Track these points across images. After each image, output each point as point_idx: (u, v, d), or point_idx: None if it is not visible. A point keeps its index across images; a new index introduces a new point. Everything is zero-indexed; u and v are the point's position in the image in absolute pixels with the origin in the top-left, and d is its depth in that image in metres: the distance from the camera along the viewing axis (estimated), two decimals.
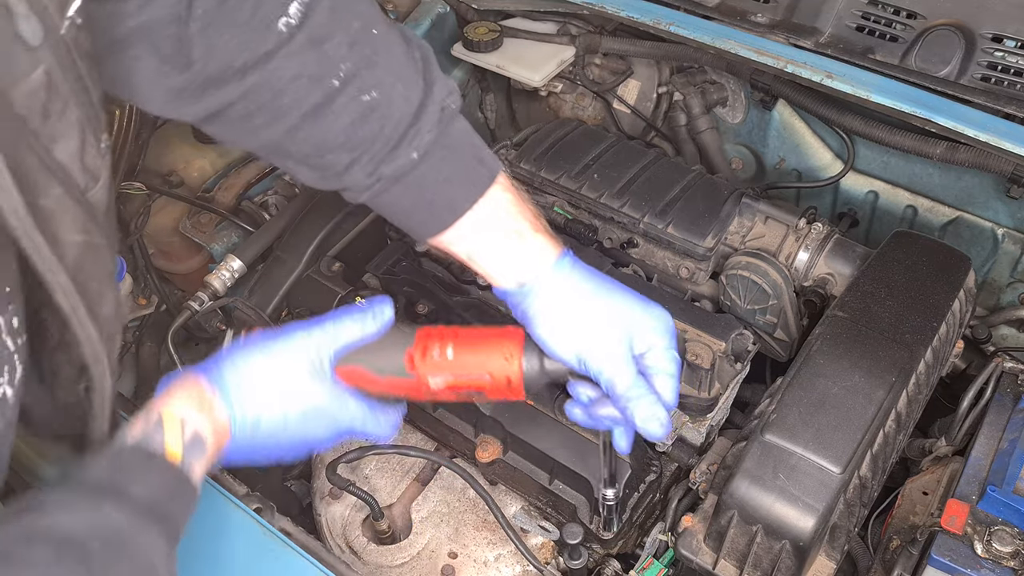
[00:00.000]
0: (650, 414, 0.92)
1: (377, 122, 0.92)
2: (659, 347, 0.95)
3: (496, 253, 1.00)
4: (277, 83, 0.89)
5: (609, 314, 0.96)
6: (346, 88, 0.91)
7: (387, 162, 0.93)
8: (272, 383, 0.93)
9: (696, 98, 1.84)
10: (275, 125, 0.92)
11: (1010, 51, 1.48)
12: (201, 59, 0.87)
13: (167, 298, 1.84)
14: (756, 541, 1.14)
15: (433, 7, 2.01)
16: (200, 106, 0.91)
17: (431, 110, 0.94)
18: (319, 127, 0.92)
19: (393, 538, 1.36)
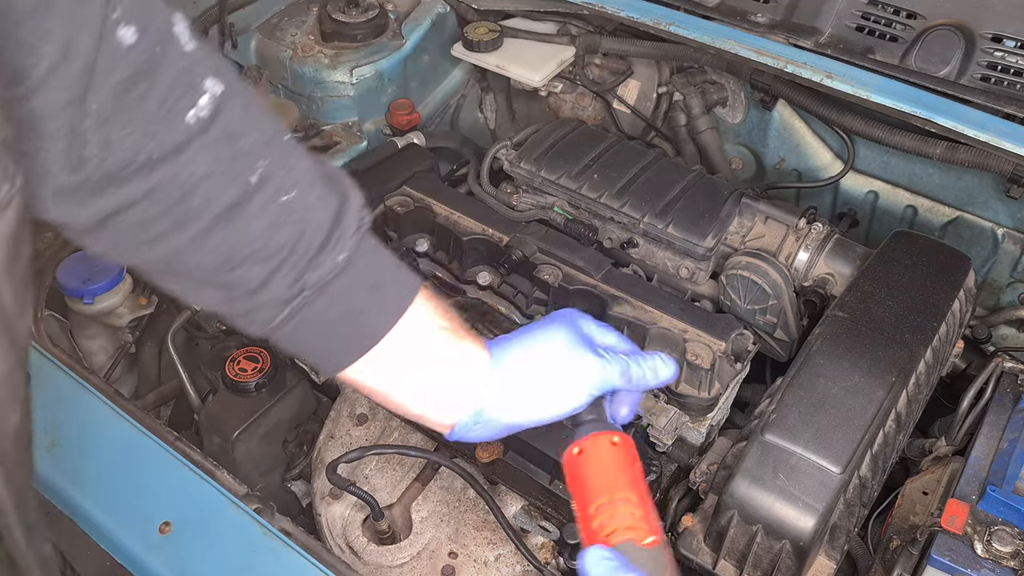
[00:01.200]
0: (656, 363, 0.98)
1: (296, 225, 0.83)
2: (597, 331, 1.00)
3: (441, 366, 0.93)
4: (188, 180, 0.78)
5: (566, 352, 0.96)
6: (263, 188, 0.82)
7: (312, 269, 0.85)
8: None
9: (696, 98, 1.84)
10: (179, 232, 0.80)
11: (1010, 51, 1.48)
12: (96, 156, 0.75)
13: (167, 298, 1.84)
14: (756, 541, 1.14)
15: (433, 7, 2.01)
16: (94, 207, 0.77)
17: (351, 216, 0.88)
18: (232, 232, 0.81)
19: (393, 538, 1.36)
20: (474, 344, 0.95)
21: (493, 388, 0.94)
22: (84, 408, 1.31)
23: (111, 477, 1.23)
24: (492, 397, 0.94)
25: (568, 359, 0.95)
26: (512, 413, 0.95)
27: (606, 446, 0.93)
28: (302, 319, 0.87)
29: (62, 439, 1.27)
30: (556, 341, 0.96)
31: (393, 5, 2.04)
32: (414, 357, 0.92)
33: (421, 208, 1.59)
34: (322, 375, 0.93)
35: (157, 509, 1.18)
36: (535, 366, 0.95)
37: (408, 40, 1.97)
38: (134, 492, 1.21)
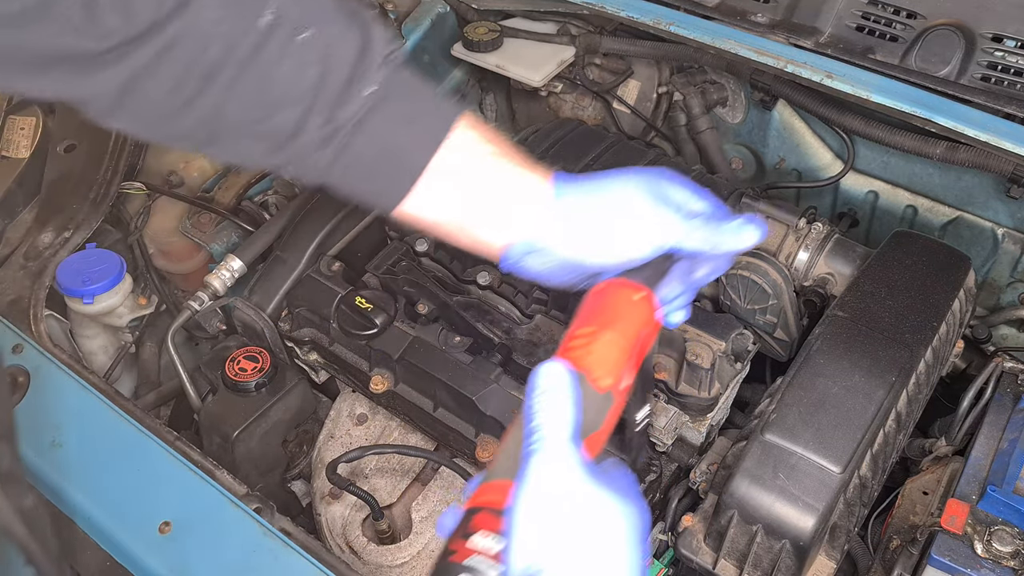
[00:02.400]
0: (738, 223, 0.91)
1: (319, 64, 0.84)
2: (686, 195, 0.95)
3: (490, 196, 0.91)
4: (202, 28, 0.80)
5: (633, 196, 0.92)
6: (278, 28, 0.83)
7: (340, 105, 0.85)
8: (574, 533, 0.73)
9: (696, 98, 1.84)
10: (210, 86, 0.82)
11: (1010, 51, 1.48)
12: (120, 25, 0.78)
13: (167, 298, 1.84)
14: (756, 541, 1.14)
15: (433, 7, 2.01)
16: (120, 71, 0.80)
17: (376, 49, 0.87)
18: (257, 77, 0.83)
19: (393, 538, 1.36)
20: (533, 171, 0.92)
21: (552, 217, 0.91)
22: (84, 408, 1.31)
23: (111, 477, 1.23)
24: (550, 225, 0.91)
25: (636, 207, 0.91)
26: (569, 247, 0.92)
27: (627, 295, 0.90)
28: (347, 161, 0.87)
29: (62, 439, 1.27)
30: (629, 188, 0.93)
31: (393, 5, 2.04)
32: (463, 185, 0.90)
33: None
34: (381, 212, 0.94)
35: (157, 509, 1.18)
36: (601, 205, 0.92)
37: (408, 40, 1.97)
38: (134, 492, 1.21)
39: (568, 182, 0.94)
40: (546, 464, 0.74)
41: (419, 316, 1.46)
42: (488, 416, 1.32)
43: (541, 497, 0.73)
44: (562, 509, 0.73)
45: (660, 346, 1.39)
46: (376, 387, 1.41)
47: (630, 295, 0.90)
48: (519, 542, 0.71)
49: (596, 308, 0.89)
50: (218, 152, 0.91)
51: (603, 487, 0.75)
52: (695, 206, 0.95)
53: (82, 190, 1.74)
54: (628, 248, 0.91)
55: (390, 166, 0.89)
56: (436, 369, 1.36)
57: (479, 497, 0.77)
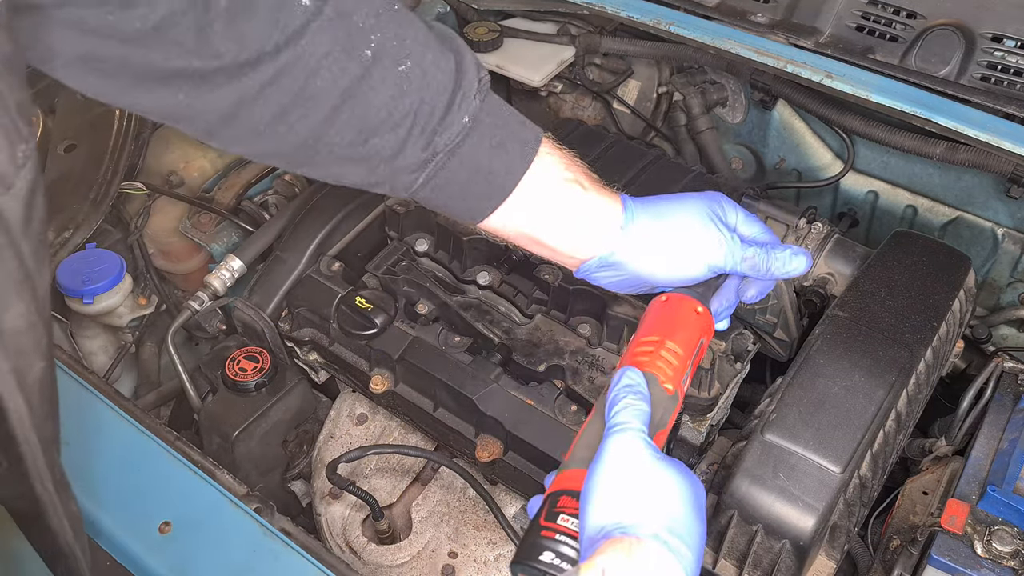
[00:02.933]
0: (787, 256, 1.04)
1: (417, 93, 0.90)
2: (740, 219, 1.06)
3: (565, 215, 1.00)
4: (310, 60, 0.85)
5: (692, 219, 1.02)
6: (380, 60, 0.88)
7: (440, 132, 0.91)
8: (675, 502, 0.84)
9: (696, 98, 1.84)
10: (312, 114, 0.88)
11: (1010, 51, 1.48)
12: (232, 49, 0.82)
13: (167, 298, 1.84)
14: (756, 541, 1.14)
15: (433, 7, 2.01)
16: (231, 90, 0.84)
17: (470, 76, 0.93)
18: (359, 105, 0.88)
19: (393, 538, 1.36)
20: (604, 194, 1.01)
21: (623, 237, 1.00)
22: (84, 408, 1.31)
23: (111, 477, 1.23)
24: (620, 245, 1.01)
25: (697, 230, 1.02)
26: (637, 264, 1.02)
27: (689, 308, 1.02)
28: (437, 183, 0.95)
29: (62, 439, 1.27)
30: (690, 210, 1.03)
31: None
32: (542, 207, 0.99)
33: (421, 208, 1.59)
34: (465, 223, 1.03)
35: (157, 509, 1.18)
36: (666, 226, 1.02)
37: None
38: (134, 492, 1.21)
39: (637, 204, 1.03)
40: (623, 444, 0.86)
41: (419, 316, 1.46)
42: (488, 416, 1.32)
43: (616, 469, 0.84)
44: (635, 477, 0.84)
45: None
46: (376, 387, 1.41)
47: (692, 308, 1.02)
48: (595, 504, 0.82)
49: (661, 319, 1.01)
50: (312, 172, 0.96)
51: (671, 465, 0.86)
52: (749, 231, 1.07)
53: (82, 190, 1.74)
54: (688, 268, 1.02)
55: (480, 187, 0.97)
56: (436, 369, 1.36)
57: (561, 483, 0.88)
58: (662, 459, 0.86)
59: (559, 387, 1.35)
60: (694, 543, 0.82)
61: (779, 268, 1.05)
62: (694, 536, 0.83)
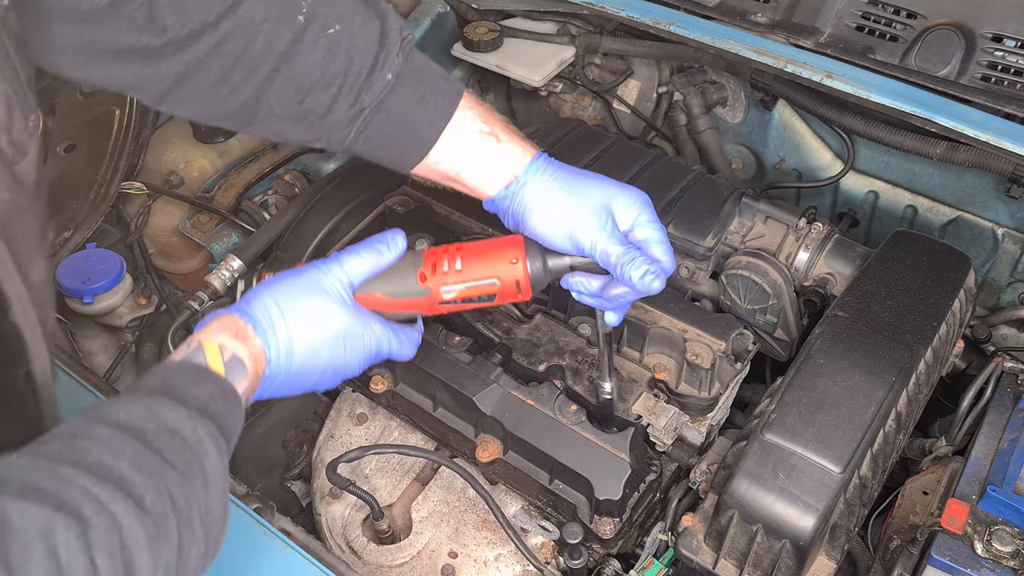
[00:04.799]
0: (644, 272, 1.03)
1: (346, 53, 0.98)
2: (642, 220, 1.08)
3: (480, 161, 1.08)
4: (248, 27, 0.94)
5: (590, 198, 1.07)
6: (311, 24, 0.97)
7: (366, 89, 1.00)
8: (299, 311, 0.97)
9: (696, 98, 1.84)
10: (253, 76, 0.97)
11: (1010, 51, 1.48)
12: (175, 23, 0.91)
13: (167, 298, 1.84)
14: (756, 541, 1.14)
15: (433, 7, 2.01)
16: (177, 61, 0.93)
17: (393, 36, 1.01)
18: (294, 67, 0.97)
19: (393, 538, 1.36)
20: (517, 145, 1.09)
21: (519, 184, 1.08)
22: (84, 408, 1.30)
23: None
24: (515, 190, 1.08)
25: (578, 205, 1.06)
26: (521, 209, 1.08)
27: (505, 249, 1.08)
28: (367, 135, 1.04)
29: None
30: (590, 190, 1.08)
31: (393, 5, 2.04)
32: (460, 155, 1.08)
33: (421, 208, 1.59)
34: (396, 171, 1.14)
35: None
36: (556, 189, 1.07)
37: None
38: None
39: (549, 164, 1.10)
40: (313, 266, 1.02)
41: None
42: (488, 416, 1.32)
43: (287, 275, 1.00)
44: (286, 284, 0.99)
45: (660, 346, 1.39)
46: (376, 387, 1.41)
47: (509, 254, 1.07)
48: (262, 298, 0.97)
49: (487, 243, 1.09)
50: (255, 131, 1.05)
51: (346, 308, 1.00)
52: (641, 235, 1.08)
53: (82, 190, 1.74)
54: (552, 230, 1.06)
55: (406, 139, 1.06)
56: (436, 369, 1.36)
57: None
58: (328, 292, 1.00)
59: (559, 387, 1.35)
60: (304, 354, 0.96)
61: (633, 275, 1.03)
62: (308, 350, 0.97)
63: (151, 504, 0.70)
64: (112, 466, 0.70)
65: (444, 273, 1.06)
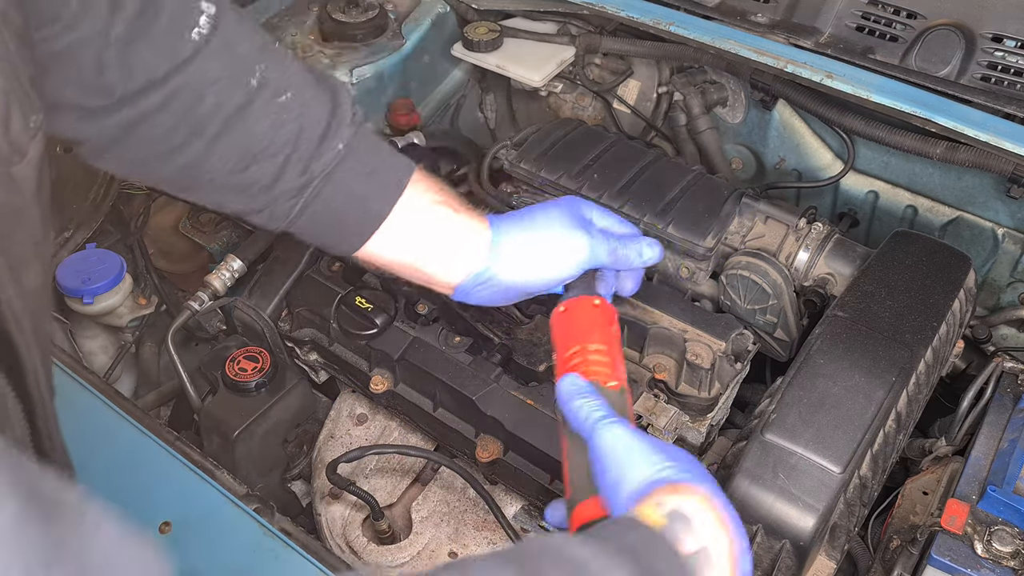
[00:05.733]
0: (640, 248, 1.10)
1: (297, 121, 0.95)
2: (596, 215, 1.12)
3: (442, 239, 1.05)
4: (198, 86, 0.90)
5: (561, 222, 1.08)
6: (263, 90, 0.94)
7: (316, 157, 0.97)
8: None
9: (696, 98, 1.84)
10: (196, 139, 0.92)
11: (1010, 51, 1.48)
12: (120, 80, 0.87)
13: (167, 298, 1.84)
14: (756, 541, 1.14)
15: (433, 7, 2.01)
16: (120, 117, 0.89)
17: (344, 108, 0.99)
18: (241, 133, 0.93)
19: (393, 538, 1.36)
20: (472, 216, 1.07)
21: (494, 252, 1.06)
22: (84, 408, 1.31)
23: (111, 477, 1.22)
24: (492, 260, 1.06)
25: (561, 233, 1.07)
26: (510, 273, 1.07)
27: (588, 306, 1.05)
28: (314, 210, 0.99)
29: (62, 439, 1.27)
30: (553, 218, 1.09)
31: (393, 5, 2.04)
32: (416, 230, 1.04)
33: None
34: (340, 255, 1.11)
35: (157, 509, 1.18)
36: (532, 236, 1.08)
37: (408, 40, 1.97)
38: (134, 492, 1.21)
39: (504, 220, 1.09)
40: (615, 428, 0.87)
41: (419, 316, 1.46)
42: (488, 416, 1.32)
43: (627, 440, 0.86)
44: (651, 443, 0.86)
45: (660, 346, 1.39)
46: (376, 387, 1.41)
47: (590, 305, 1.05)
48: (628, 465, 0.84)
49: (571, 327, 1.04)
50: (195, 198, 1.02)
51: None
52: (605, 224, 1.12)
53: (82, 190, 1.74)
54: (559, 270, 1.08)
55: (355, 214, 1.02)
56: (436, 369, 1.36)
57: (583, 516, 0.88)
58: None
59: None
60: None
61: (637, 258, 1.11)
62: None
63: None
64: None
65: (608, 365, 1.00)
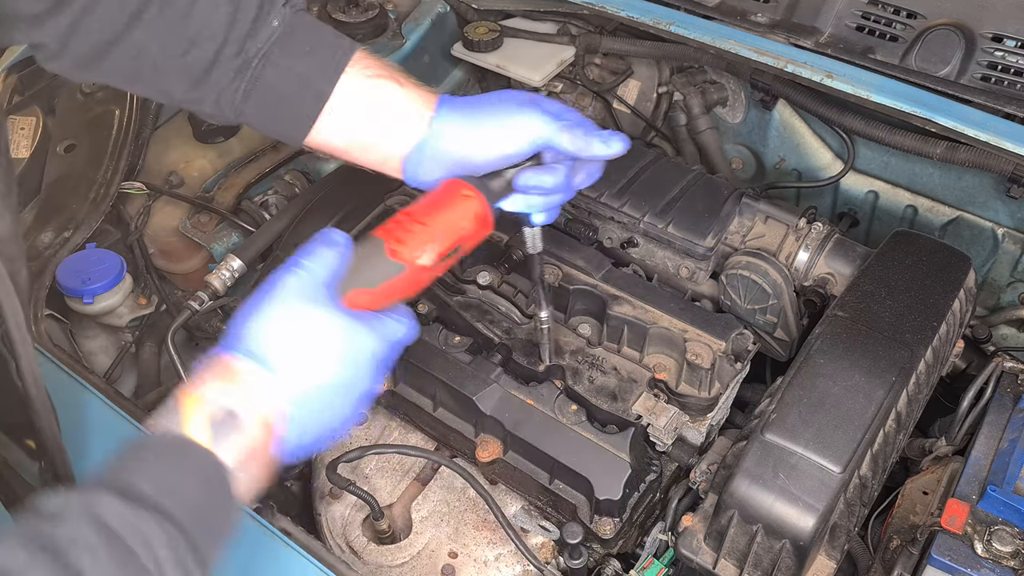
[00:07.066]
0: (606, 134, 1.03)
1: (231, 2, 0.97)
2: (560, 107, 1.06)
3: (389, 110, 1.03)
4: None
5: (518, 103, 1.04)
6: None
7: (251, 36, 0.98)
8: (298, 329, 0.87)
9: (696, 98, 1.84)
10: (136, 24, 0.96)
11: (1010, 51, 1.48)
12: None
13: (167, 298, 1.84)
14: (756, 541, 1.14)
15: (433, 7, 2.01)
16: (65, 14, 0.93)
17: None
18: (177, 14, 0.96)
19: (393, 538, 1.36)
20: (419, 89, 1.05)
21: (439, 121, 1.03)
22: (84, 408, 1.31)
23: None
24: (437, 128, 1.03)
25: (513, 109, 1.03)
26: (455, 144, 1.03)
27: (455, 190, 1.02)
28: (258, 93, 1.00)
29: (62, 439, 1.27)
30: (507, 97, 1.06)
31: (393, 5, 2.04)
32: (361, 107, 1.02)
33: None
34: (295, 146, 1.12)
35: None
36: (481, 108, 1.04)
37: (408, 40, 1.97)
38: None
39: (456, 97, 1.07)
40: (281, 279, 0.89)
41: (419, 316, 1.46)
42: (488, 416, 1.32)
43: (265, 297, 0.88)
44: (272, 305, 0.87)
45: (660, 346, 1.39)
46: None
47: (458, 191, 1.02)
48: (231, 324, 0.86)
49: (427, 197, 1.03)
50: (143, 88, 1.04)
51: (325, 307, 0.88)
52: (566, 116, 1.05)
53: (82, 190, 1.74)
54: (506, 143, 1.03)
55: (299, 97, 1.01)
56: (436, 369, 1.36)
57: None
58: (317, 301, 0.88)
59: (559, 387, 1.35)
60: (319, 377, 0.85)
61: (600, 148, 1.03)
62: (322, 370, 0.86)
63: None
64: None
65: (412, 237, 0.98)
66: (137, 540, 0.67)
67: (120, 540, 0.66)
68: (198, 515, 0.73)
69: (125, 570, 0.66)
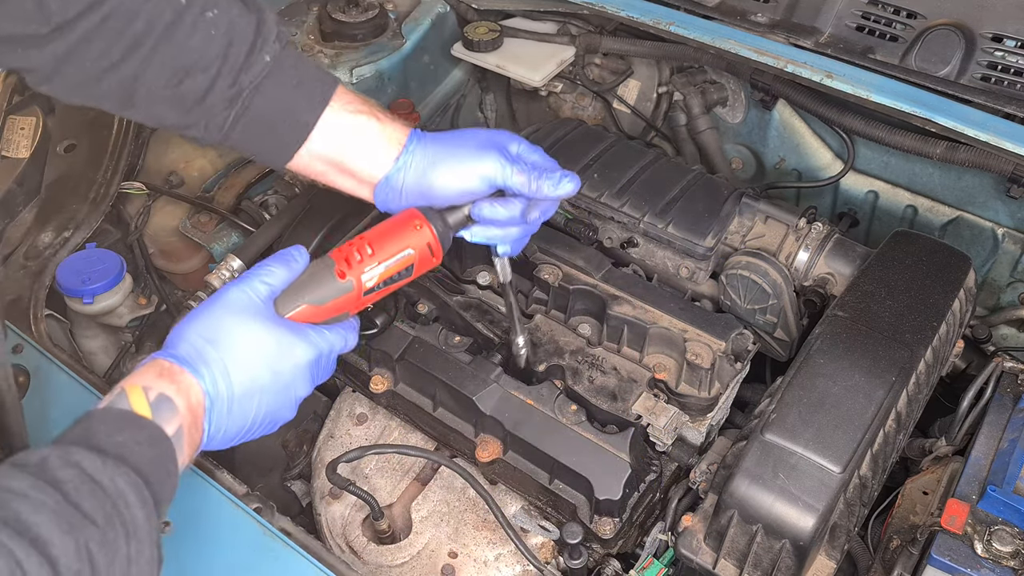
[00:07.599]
0: (558, 178, 1.10)
1: (225, 36, 1.02)
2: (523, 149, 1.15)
3: (363, 141, 1.11)
4: (131, 5, 0.98)
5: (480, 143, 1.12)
6: (191, 7, 1.00)
7: (245, 70, 1.03)
8: (227, 336, 0.96)
9: (696, 98, 1.84)
10: (133, 56, 0.99)
11: (1010, 51, 1.48)
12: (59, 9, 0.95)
13: (167, 298, 1.84)
14: (756, 540, 1.14)
15: (433, 7, 2.01)
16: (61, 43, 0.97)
17: (270, 25, 1.06)
18: (173, 47, 1.00)
19: (393, 538, 1.36)
20: (395, 125, 1.13)
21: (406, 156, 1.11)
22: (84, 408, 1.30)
23: None
24: (404, 163, 1.11)
25: (472, 148, 1.12)
26: (419, 179, 1.11)
27: (408, 220, 1.10)
28: (247, 120, 1.06)
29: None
30: (470, 137, 1.14)
31: (393, 5, 2.04)
32: (341, 138, 1.11)
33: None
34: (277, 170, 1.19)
35: None
36: (445, 148, 1.12)
37: (408, 40, 1.97)
38: None
39: (427, 134, 1.14)
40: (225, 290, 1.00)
41: (419, 316, 1.46)
42: (488, 416, 1.32)
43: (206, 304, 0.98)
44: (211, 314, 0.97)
45: (660, 346, 1.39)
46: (376, 387, 1.41)
47: (411, 221, 1.10)
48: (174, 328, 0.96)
49: (386, 224, 1.11)
50: (135, 114, 1.07)
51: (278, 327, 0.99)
52: (527, 157, 1.15)
53: (82, 190, 1.74)
54: (462, 180, 1.11)
55: (285, 125, 1.08)
56: (436, 369, 1.36)
57: None
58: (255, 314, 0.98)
59: (559, 387, 1.35)
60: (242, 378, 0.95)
61: (550, 189, 1.11)
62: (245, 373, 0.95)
63: (66, 566, 0.70)
64: (30, 521, 0.70)
65: (360, 262, 1.06)
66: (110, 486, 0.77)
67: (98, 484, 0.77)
68: (152, 467, 0.83)
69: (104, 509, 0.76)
